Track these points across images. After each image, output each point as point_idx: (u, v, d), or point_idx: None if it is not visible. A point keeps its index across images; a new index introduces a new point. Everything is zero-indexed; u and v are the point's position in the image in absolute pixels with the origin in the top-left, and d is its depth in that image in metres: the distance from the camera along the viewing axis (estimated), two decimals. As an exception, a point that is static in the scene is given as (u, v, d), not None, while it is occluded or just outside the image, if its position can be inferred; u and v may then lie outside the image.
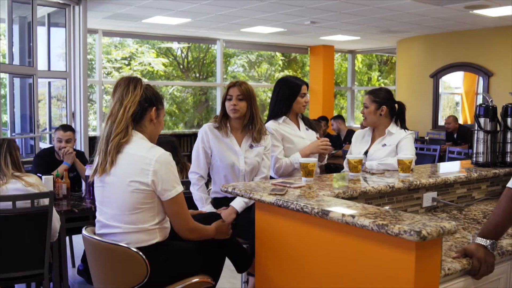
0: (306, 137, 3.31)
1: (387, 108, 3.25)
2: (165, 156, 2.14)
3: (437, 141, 8.22)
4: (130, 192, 2.10)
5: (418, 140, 8.48)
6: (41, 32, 7.73)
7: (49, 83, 7.35)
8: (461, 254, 1.90)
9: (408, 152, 3.06)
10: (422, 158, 6.33)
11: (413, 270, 1.62)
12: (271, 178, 3.16)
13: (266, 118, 3.40)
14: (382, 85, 17.48)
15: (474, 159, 3.21)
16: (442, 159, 6.46)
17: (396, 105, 3.32)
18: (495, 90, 8.60)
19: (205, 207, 2.99)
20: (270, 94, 15.08)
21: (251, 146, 3.02)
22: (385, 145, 3.20)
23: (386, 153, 3.14)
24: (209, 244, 2.37)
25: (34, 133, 5.68)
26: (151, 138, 2.25)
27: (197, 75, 15.16)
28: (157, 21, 8.60)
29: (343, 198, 2.28)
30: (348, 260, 1.86)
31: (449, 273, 1.78)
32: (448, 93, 10.62)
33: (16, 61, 7.62)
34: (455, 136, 8.20)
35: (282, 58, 15.53)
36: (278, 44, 11.98)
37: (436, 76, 9.58)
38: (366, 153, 3.25)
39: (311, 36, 10.50)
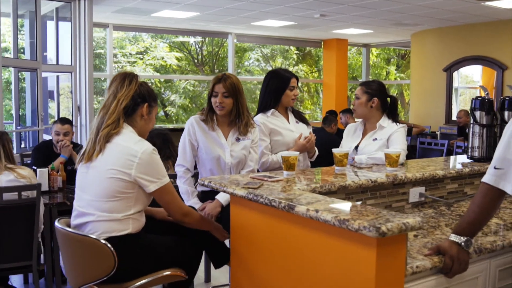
0: (296, 130, 3.25)
1: (379, 101, 3.17)
2: (150, 150, 2.18)
3: (449, 135, 8.05)
4: (109, 179, 2.13)
5: (429, 135, 8.32)
6: (50, 26, 7.82)
7: (58, 77, 7.41)
8: (434, 252, 1.82)
9: (399, 146, 2.97)
10: (429, 152, 6.21)
11: (374, 267, 1.55)
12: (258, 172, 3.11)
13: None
14: (398, 79, 17.26)
15: (469, 153, 3.11)
16: (450, 154, 6.32)
17: (389, 99, 3.23)
18: (510, 83, 8.38)
19: (191, 200, 2.95)
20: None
21: (237, 139, 2.97)
22: (376, 139, 3.11)
23: (377, 147, 3.06)
24: (185, 238, 2.34)
25: (38, 126, 5.71)
26: (140, 133, 2.29)
27: (212, 69, 15.17)
28: (165, 15, 8.59)
29: (320, 192, 2.22)
30: (314, 255, 1.81)
31: (417, 271, 1.71)
32: (465, 87, 10.40)
33: (27, 55, 7.72)
34: (467, 130, 8.01)
35: (297, 52, 15.42)
36: (290, 37, 11.89)
37: (450, 70, 9.38)
38: (357, 147, 3.17)
39: (323, 29, 10.39)
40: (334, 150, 2.71)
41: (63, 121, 4.34)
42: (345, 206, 1.80)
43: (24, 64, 5.65)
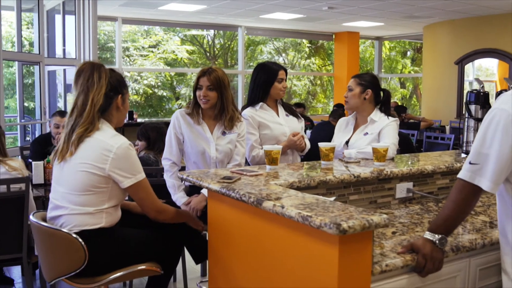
0: (285, 123, 3.20)
1: (372, 93, 3.09)
2: (126, 145, 2.15)
3: (459, 130, 7.89)
4: (83, 172, 2.11)
5: (437, 129, 8.16)
6: (58, 20, 7.85)
7: (64, 70, 7.44)
8: (407, 250, 1.76)
9: (389, 140, 2.90)
10: (436, 147, 6.08)
11: (337, 266, 1.50)
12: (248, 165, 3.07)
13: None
14: (412, 73, 17.02)
15: (464, 148, 3.03)
16: (457, 148, 6.18)
17: (381, 93, 3.16)
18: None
19: (178, 194, 2.93)
20: (295, 82, 14.91)
21: (223, 133, 2.93)
22: (367, 133, 3.04)
23: (367, 141, 2.98)
24: (163, 233, 2.31)
25: (41, 119, 5.74)
26: (118, 123, 2.27)
27: (225, 62, 15.13)
28: (173, 8, 8.57)
29: (298, 187, 2.16)
30: (282, 251, 1.76)
31: (387, 270, 1.65)
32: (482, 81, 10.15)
33: (36, 49, 7.76)
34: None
35: (309, 45, 15.29)
36: (302, 30, 11.78)
37: (461, 63, 9.19)
38: (348, 141, 3.10)
39: (333, 22, 10.27)
40: (320, 144, 2.65)
41: (62, 113, 4.34)
42: (314, 202, 1.75)
43: (27, 57, 5.68)
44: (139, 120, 10.29)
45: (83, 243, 2.02)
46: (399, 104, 9.40)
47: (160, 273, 2.25)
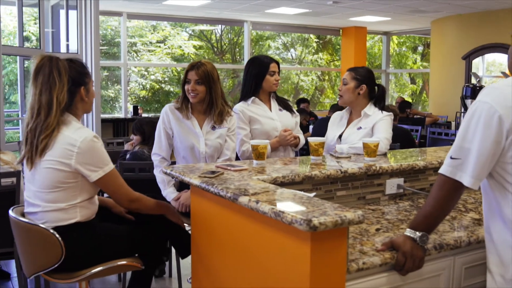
0: (277, 118, 3.15)
1: (367, 88, 3.03)
2: (90, 137, 2.09)
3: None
4: (49, 169, 2.08)
5: (443, 124, 8.05)
6: (62, 15, 7.85)
7: (68, 65, 7.44)
8: (387, 247, 1.71)
9: (381, 134, 2.84)
10: (440, 142, 6.00)
11: (309, 263, 1.46)
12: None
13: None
14: (421, 68, 16.85)
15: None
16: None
17: (376, 88, 3.09)
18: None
19: (167, 190, 2.90)
20: (302, 77, 14.82)
21: (213, 128, 2.89)
22: (360, 128, 2.98)
23: (360, 136, 2.92)
24: (145, 228, 2.28)
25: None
26: (85, 111, 2.24)
27: (233, 57, 15.07)
28: (177, 3, 8.54)
29: (282, 183, 2.12)
30: (257, 247, 1.73)
31: (364, 268, 1.60)
32: (490, 76, 10.03)
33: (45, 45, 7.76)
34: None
35: (317, 40, 15.18)
36: (308, 25, 11.69)
37: (469, 58, 9.06)
38: (340, 136, 3.04)
39: (339, 17, 10.17)
40: (310, 139, 2.60)
41: None
42: (291, 197, 1.70)
43: (27, 52, 5.68)
44: (144, 115, 10.30)
45: (59, 238, 1.99)
46: (406, 99, 9.29)
47: (141, 268, 2.22)
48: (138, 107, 9.78)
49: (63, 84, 2.09)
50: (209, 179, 2.03)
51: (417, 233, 1.68)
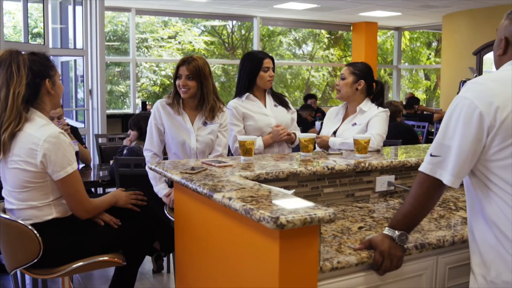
0: (272, 114, 3.10)
1: (365, 84, 2.98)
2: (54, 135, 2.04)
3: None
4: (15, 169, 2.05)
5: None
6: (70, 11, 7.89)
7: (75, 61, 7.49)
8: (365, 246, 1.67)
9: (375, 131, 2.78)
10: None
11: (278, 261, 1.42)
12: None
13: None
14: (433, 64, 16.63)
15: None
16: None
17: (375, 84, 3.04)
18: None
19: (159, 186, 2.89)
20: (313, 73, 14.72)
21: (205, 124, 2.86)
22: (355, 124, 2.93)
23: (355, 132, 2.87)
24: (128, 224, 2.27)
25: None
26: (54, 106, 2.19)
27: (244, 53, 15.02)
28: (184, -2, 8.52)
29: (265, 179, 2.09)
30: (231, 244, 1.70)
31: (339, 267, 1.56)
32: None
33: (49, 40, 7.80)
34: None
35: (328, 36, 15.06)
36: (318, 21, 11.60)
37: (480, 53, 8.89)
38: (335, 132, 3.00)
39: (349, 12, 10.06)
40: (299, 135, 2.57)
41: None
42: (266, 194, 1.67)
43: (31, 48, 5.70)
44: (153, 110, 10.31)
45: (37, 234, 1.98)
46: (415, 95, 9.17)
47: (123, 264, 2.20)
48: (147, 103, 9.80)
49: (21, 77, 2.04)
50: (189, 175, 2.00)
51: (396, 232, 1.63)
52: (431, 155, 1.58)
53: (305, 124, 6.45)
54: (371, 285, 1.65)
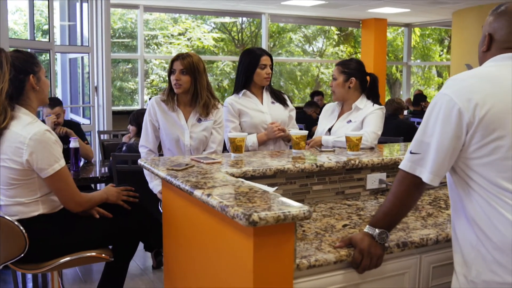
0: (268, 111, 3.09)
1: (357, 81, 2.96)
2: (40, 133, 2.05)
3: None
4: (3, 167, 2.07)
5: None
6: (78, 7, 7.94)
7: (82, 58, 7.53)
8: (345, 244, 1.66)
9: (369, 128, 2.77)
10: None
11: (252, 259, 1.42)
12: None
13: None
14: (444, 61, 16.47)
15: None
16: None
17: (368, 78, 3.02)
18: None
19: (154, 182, 2.90)
20: (323, 70, 14.65)
21: (199, 120, 2.87)
22: (350, 121, 2.91)
23: (350, 130, 2.86)
24: (116, 220, 2.28)
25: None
26: (41, 102, 2.19)
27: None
28: (192, -5, 8.52)
29: (252, 176, 2.09)
30: (211, 240, 1.70)
31: (317, 265, 1.56)
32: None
33: (58, 37, 7.88)
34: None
35: (338, 32, 14.99)
36: (327, 18, 11.53)
37: (490, 49, 8.78)
38: (330, 129, 2.98)
39: (358, 8, 9.99)
40: (291, 132, 2.56)
41: (53, 104, 4.24)
42: (246, 191, 1.66)
43: (36, 45, 5.75)
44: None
45: (23, 230, 2.01)
46: (422, 92, 9.08)
47: (110, 260, 2.21)
48: (155, 99, 9.82)
49: (3, 73, 2.05)
50: (175, 172, 2.01)
51: (376, 230, 1.62)
52: (410, 153, 1.57)
53: (309, 121, 6.43)
54: (351, 283, 1.64)
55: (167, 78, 2.92)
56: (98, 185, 4.33)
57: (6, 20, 4.65)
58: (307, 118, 6.72)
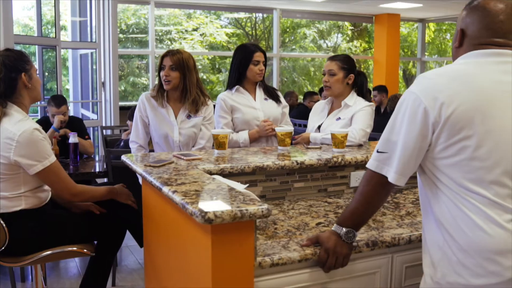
0: (260, 107, 3.08)
1: (354, 77, 2.93)
2: (30, 130, 2.08)
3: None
4: None
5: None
6: (89, 4, 8.01)
7: (91, 54, 7.60)
8: (312, 242, 1.65)
9: (357, 125, 2.74)
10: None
11: (210, 257, 1.42)
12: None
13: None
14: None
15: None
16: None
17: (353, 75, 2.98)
18: None
19: (144, 178, 2.91)
20: (334, 66, 14.60)
21: (188, 117, 2.88)
22: (339, 118, 2.89)
23: (339, 127, 2.83)
24: (101, 216, 2.30)
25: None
26: (34, 99, 2.21)
27: (267, 45, 14.97)
28: (202, -10, 8.52)
29: (230, 173, 2.09)
30: (179, 239, 1.71)
31: (280, 263, 1.55)
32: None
33: (69, 33, 7.96)
34: None
35: (351, 28, 14.86)
36: (340, 13, 11.44)
37: (503, 45, 8.61)
38: (320, 127, 2.96)
39: (370, 4, 9.89)
40: (277, 129, 2.54)
41: (58, 104, 4.28)
42: (212, 189, 1.66)
43: (43, 41, 5.82)
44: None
45: (4, 224, 2.04)
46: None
47: (91, 255, 2.23)
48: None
49: None
50: (151, 168, 2.02)
51: (343, 229, 1.60)
52: (377, 151, 1.55)
53: (306, 113, 6.37)
54: (318, 282, 1.63)
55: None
56: (97, 180, 4.37)
57: (11, 16, 4.70)
58: (309, 111, 6.67)
